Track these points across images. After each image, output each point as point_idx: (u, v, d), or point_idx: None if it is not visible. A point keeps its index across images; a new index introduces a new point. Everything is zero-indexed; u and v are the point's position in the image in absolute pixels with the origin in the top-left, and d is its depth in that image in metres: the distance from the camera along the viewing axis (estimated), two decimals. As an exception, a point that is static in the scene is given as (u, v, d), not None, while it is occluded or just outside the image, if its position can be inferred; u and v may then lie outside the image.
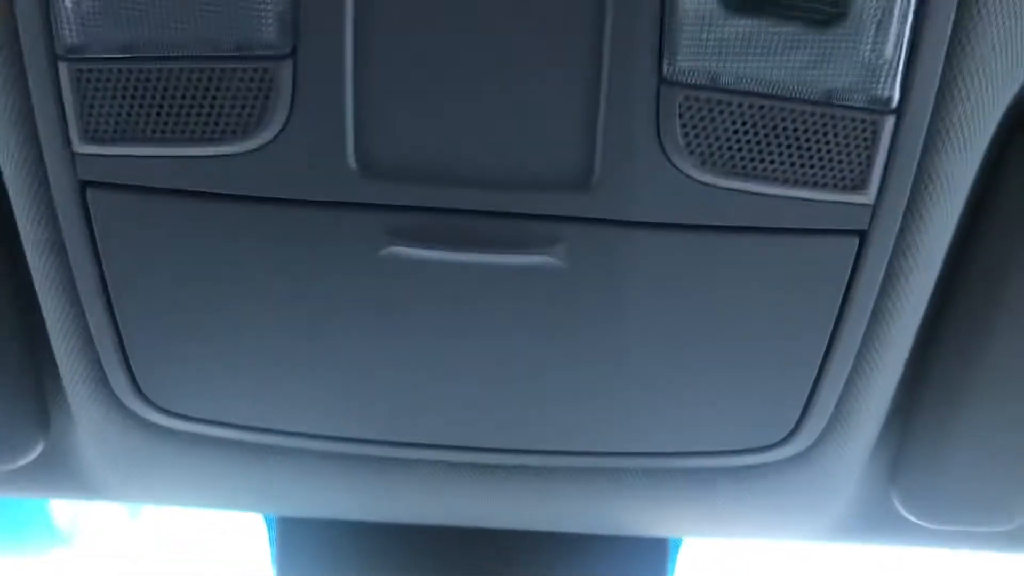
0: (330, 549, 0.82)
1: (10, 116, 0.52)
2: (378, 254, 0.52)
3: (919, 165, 0.51)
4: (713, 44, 0.47)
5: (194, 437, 0.65)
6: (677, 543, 0.88)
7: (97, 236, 0.54)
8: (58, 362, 0.63)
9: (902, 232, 0.54)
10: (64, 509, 1.13)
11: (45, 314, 0.60)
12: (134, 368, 0.60)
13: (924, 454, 0.66)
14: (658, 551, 0.85)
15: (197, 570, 1.12)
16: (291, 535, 0.83)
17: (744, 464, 0.65)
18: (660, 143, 0.48)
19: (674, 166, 0.49)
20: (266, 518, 0.85)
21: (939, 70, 0.48)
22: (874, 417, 0.64)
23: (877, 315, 0.57)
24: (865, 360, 0.59)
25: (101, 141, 0.50)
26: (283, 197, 0.51)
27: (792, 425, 0.62)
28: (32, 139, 0.52)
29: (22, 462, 0.68)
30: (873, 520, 0.74)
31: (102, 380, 0.63)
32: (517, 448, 0.63)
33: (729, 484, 0.67)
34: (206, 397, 0.61)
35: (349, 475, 0.67)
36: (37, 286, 0.59)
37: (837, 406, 0.62)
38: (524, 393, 0.58)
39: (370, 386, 0.58)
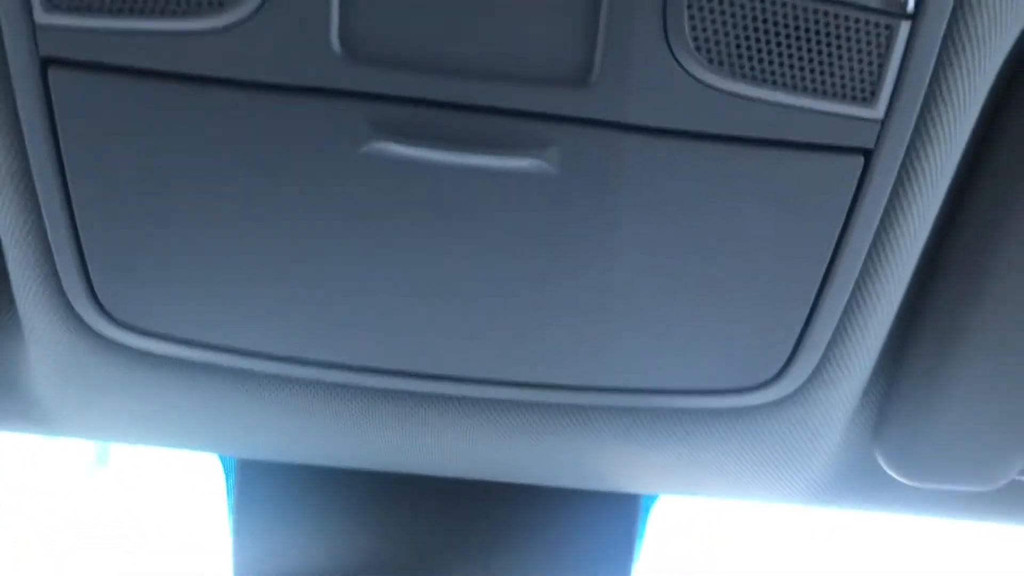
0: (290, 496, 0.79)
1: None
2: (359, 150, 0.49)
3: (931, 80, 0.49)
4: None
5: (154, 359, 0.61)
6: (648, 503, 0.86)
7: (57, 120, 0.50)
8: (9, 267, 0.59)
9: (909, 153, 0.51)
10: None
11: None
12: (91, 273, 0.56)
13: (910, 408, 0.64)
14: (628, 511, 0.83)
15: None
16: (250, 479, 0.79)
17: (724, 406, 0.62)
18: (667, 39, 0.46)
19: (680, 65, 0.46)
20: (223, 460, 0.82)
21: None
22: (865, 360, 0.62)
23: (877, 244, 0.55)
24: (862, 293, 0.57)
25: (65, 10, 0.46)
26: (258, 80, 0.47)
27: (781, 364, 0.60)
28: None
29: None
30: (854, 481, 0.72)
31: (56, 287, 0.59)
32: (487, 378, 0.59)
33: (706, 429, 0.64)
34: (167, 309, 0.57)
35: (312, 407, 0.63)
36: None
37: (829, 344, 0.59)
38: (500, 312, 0.55)
39: (343, 299, 0.55)
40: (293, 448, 0.69)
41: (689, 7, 0.45)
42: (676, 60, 0.46)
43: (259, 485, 0.79)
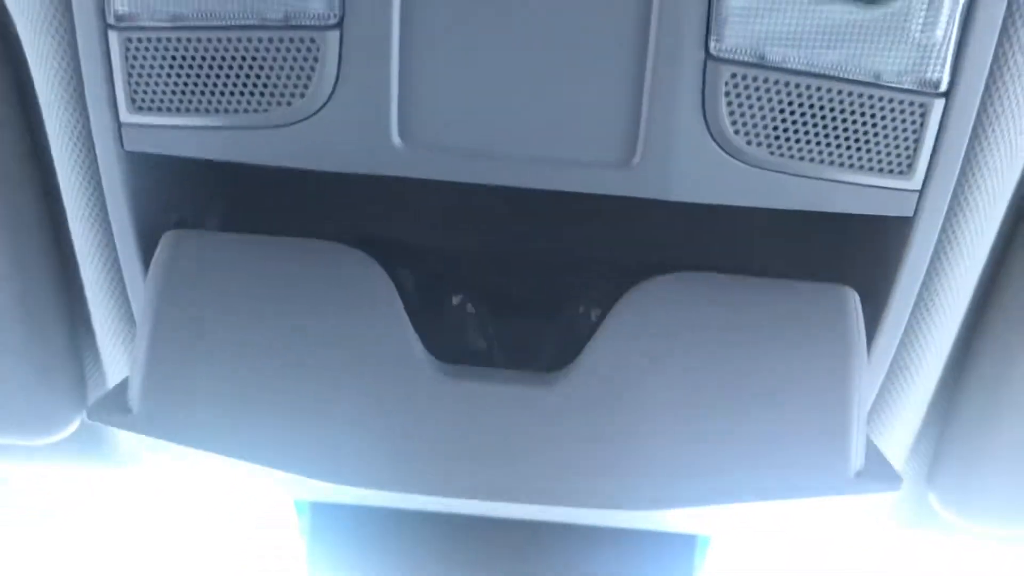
0: (362, 535, 0.81)
1: (60, 84, 0.53)
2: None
3: (967, 151, 0.50)
4: (761, 22, 0.47)
5: None
6: (706, 540, 0.87)
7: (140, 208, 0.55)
8: (97, 336, 0.64)
9: (948, 220, 0.53)
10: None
11: (86, 284, 0.61)
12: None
13: (963, 452, 0.65)
14: (684, 549, 0.84)
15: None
16: (323, 520, 0.82)
17: None
18: (705, 120, 0.48)
19: (718, 145, 0.49)
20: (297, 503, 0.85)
21: (991, 53, 0.48)
22: (914, 414, 0.63)
23: (920, 305, 0.56)
24: (907, 352, 0.58)
25: (148, 110, 0.50)
26: (325, 169, 0.51)
27: None
28: (80, 108, 0.53)
29: (60, 436, 0.68)
30: (910, 519, 0.73)
31: None
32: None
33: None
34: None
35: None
36: (79, 258, 0.60)
37: (876, 399, 0.61)
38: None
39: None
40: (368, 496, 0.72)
41: (727, 92, 0.48)
42: (714, 140, 0.49)
43: (333, 526, 0.82)
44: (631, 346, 0.50)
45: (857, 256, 0.58)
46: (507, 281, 0.65)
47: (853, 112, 0.48)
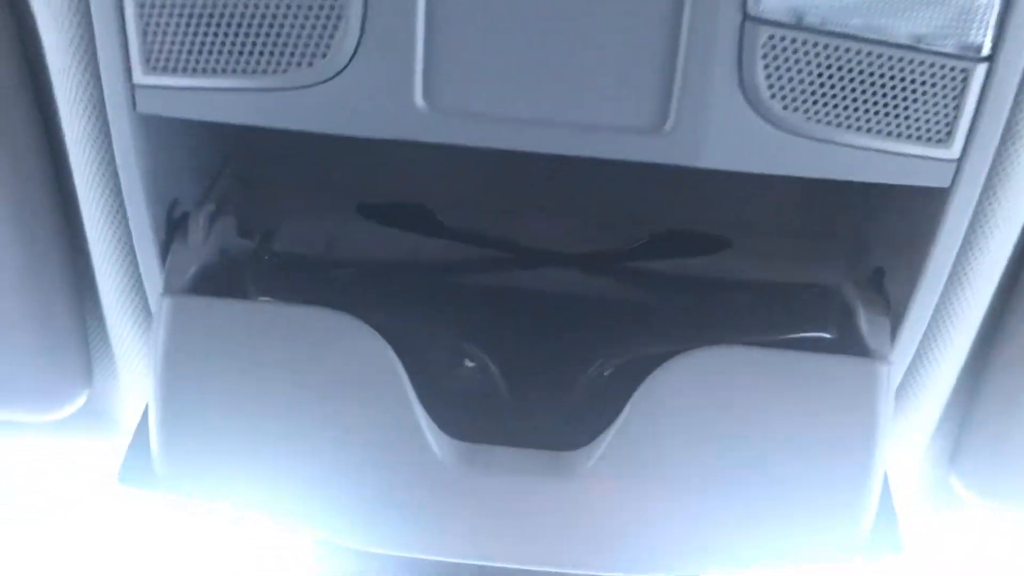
0: None
1: (72, 45, 0.51)
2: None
3: (1008, 120, 0.49)
4: None
5: None
6: None
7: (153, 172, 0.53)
8: (104, 310, 0.62)
9: (985, 192, 0.51)
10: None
11: (94, 257, 0.59)
12: None
13: (986, 434, 0.64)
14: None
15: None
16: None
17: None
18: (741, 84, 0.47)
19: (754, 109, 0.47)
20: None
21: None
22: (941, 392, 0.62)
23: (953, 279, 0.55)
24: (939, 326, 0.57)
25: (162, 71, 0.49)
26: (346, 134, 0.49)
27: None
28: (92, 71, 0.51)
29: (66, 412, 0.67)
30: (931, 501, 0.72)
31: (147, 329, 0.61)
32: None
33: None
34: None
35: None
36: (87, 224, 0.58)
37: (904, 378, 0.60)
38: None
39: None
40: None
41: (764, 54, 0.46)
42: (751, 105, 0.47)
43: None
44: (657, 430, 0.51)
45: (891, 227, 0.57)
46: (516, 326, 0.65)
47: (892, 77, 0.47)
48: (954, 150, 0.49)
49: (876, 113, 0.48)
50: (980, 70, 0.47)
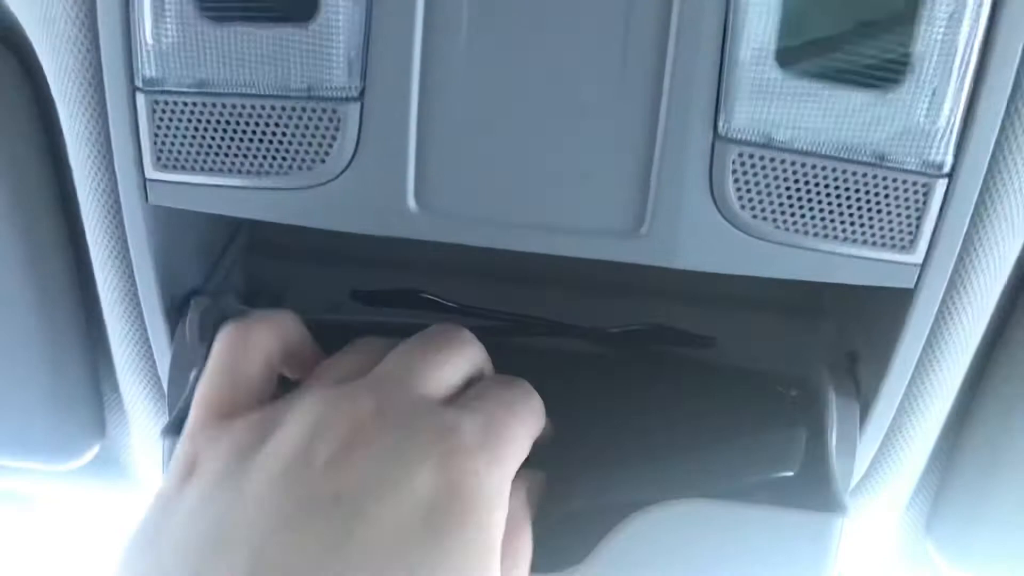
0: None
1: (89, 140, 0.54)
2: None
3: (970, 225, 0.52)
4: (769, 104, 0.48)
5: None
6: None
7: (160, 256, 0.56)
8: (117, 370, 0.66)
9: (949, 290, 0.54)
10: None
11: (108, 325, 0.63)
12: None
13: (964, 501, 0.66)
14: None
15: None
16: None
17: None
18: (712, 196, 0.49)
19: (725, 218, 0.50)
20: None
21: (994, 137, 0.49)
22: (911, 472, 0.64)
23: (921, 368, 0.57)
24: (905, 415, 0.60)
25: (172, 169, 0.52)
26: (344, 231, 0.52)
27: None
28: (108, 164, 0.55)
29: (78, 463, 0.70)
30: (906, 566, 0.74)
31: (158, 389, 0.65)
32: None
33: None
34: None
35: None
36: (102, 298, 0.61)
37: (875, 456, 0.62)
38: None
39: None
40: None
41: (734, 170, 0.49)
42: (721, 214, 0.50)
43: None
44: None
45: (866, 312, 0.60)
46: None
47: (858, 190, 0.50)
48: (917, 255, 0.51)
49: (842, 222, 0.50)
50: (941, 185, 0.50)
